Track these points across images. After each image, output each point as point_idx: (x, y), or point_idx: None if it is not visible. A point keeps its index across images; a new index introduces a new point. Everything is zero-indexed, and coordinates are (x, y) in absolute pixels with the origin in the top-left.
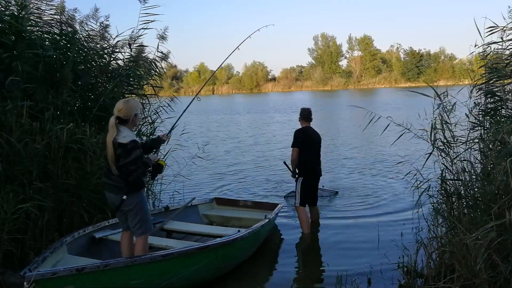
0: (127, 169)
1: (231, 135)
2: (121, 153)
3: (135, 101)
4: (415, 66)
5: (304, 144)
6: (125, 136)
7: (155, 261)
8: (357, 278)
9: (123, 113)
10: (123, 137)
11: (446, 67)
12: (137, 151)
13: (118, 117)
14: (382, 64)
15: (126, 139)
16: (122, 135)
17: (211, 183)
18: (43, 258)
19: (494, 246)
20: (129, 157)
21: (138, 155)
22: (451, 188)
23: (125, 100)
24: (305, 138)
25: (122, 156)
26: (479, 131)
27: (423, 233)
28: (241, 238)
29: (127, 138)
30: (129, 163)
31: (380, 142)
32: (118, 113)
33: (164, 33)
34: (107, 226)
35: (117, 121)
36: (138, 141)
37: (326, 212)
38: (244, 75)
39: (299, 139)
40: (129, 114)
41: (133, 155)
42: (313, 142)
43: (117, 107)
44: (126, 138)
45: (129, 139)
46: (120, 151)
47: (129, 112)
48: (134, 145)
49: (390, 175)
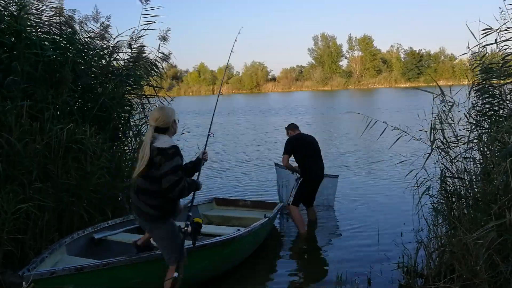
0: (167, 180)
1: (230, 135)
2: (160, 160)
3: (170, 107)
4: (415, 66)
5: (298, 150)
6: (165, 141)
7: (154, 260)
8: (357, 278)
9: (162, 122)
10: (163, 142)
11: (446, 67)
12: (178, 158)
13: (157, 128)
14: (382, 64)
15: (166, 144)
16: (162, 141)
17: (211, 183)
18: (42, 259)
19: (495, 246)
20: (170, 163)
21: (180, 164)
22: (451, 188)
23: (160, 107)
24: (298, 144)
25: (160, 164)
26: (478, 131)
27: (423, 233)
28: (240, 237)
29: (168, 143)
30: (170, 171)
31: (380, 143)
32: (155, 123)
33: (166, 34)
34: (106, 227)
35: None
36: (179, 148)
37: (325, 212)
38: (244, 75)
39: (288, 147)
40: (167, 121)
41: (174, 162)
42: (308, 145)
43: (153, 117)
44: (166, 143)
45: (170, 144)
46: (159, 158)
47: (167, 119)
48: (175, 150)
49: (390, 175)
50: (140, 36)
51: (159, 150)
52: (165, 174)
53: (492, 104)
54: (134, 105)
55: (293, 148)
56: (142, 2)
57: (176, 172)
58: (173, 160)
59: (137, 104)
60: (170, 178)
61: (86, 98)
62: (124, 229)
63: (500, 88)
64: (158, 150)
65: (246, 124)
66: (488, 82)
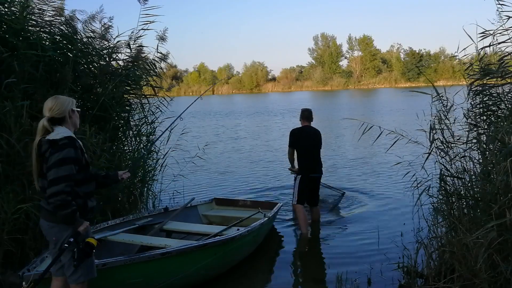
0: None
1: (230, 136)
2: (49, 153)
3: (67, 97)
4: (415, 66)
5: (297, 143)
6: (59, 133)
7: (153, 259)
8: (357, 278)
9: (56, 111)
10: (55, 134)
11: (446, 67)
12: (70, 150)
13: (52, 118)
14: (382, 64)
15: (59, 135)
16: (55, 132)
17: (211, 183)
18: (42, 259)
19: (495, 246)
20: (58, 155)
21: (72, 157)
22: (451, 188)
23: (54, 96)
24: (299, 137)
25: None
26: (476, 131)
27: (423, 233)
28: (240, 236)
29: (61, 134)
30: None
31: (379, 144)
32: (49, 113)
33: (163, 34)
34: (106, 227)
35: (49, 123)
36: (76, 140)
37: (326, 212)
38: (244, 75)
39: (291, 139)
40: (63, 110)
41: (62, 154)
42: (308, 140)
43: (47, 107)
44: (59, 134)
45: (63, 135)
46: (49, 151)
47: (62, 107)
48: (68, 141)
49: (389, 176)
50: (139, 36)
51: (49, 143)
52: (49, 167)
53: (491, 104)
54: (133, 105)
55: (294, 140)
56: (140, 1)
57: (63, 165)
58: (62, 151)
59: (137, 104)
60: (54, 172)
61: (86, 98)
62: (124, 229)
63: (499, 88)
64: (48, 142)
65: (246, 124)
66: (486, 82)
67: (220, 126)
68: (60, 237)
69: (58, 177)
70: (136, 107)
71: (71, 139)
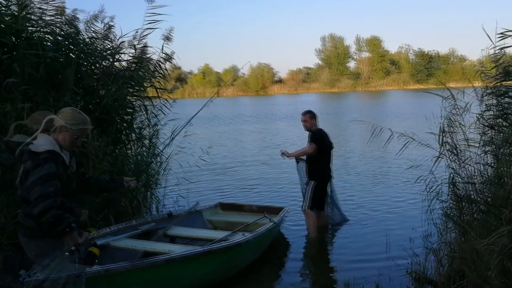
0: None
1: (236, 139)
2: (29, 167)
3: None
4: (425, 68)
5: (322, 147)
6: (42, 144)
7: (157, 265)
8: (365, 284)
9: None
10: (38, 145)
11: (456, 68)
12: (51, 165)
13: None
14: (390, 66)
15: (41, 148)
16: (39, 143)
17: (216, 187)
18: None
19: (506, 252)
20: (39, 171)
21: (53, 172)
22: (461, 193)
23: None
24: (324, 140)
25: (29, 171)
26: (490, 134)
27: (432, 238)
28: (246, 241)
29: (44, 147)
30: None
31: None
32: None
33: (169, 34)
34: (109, 233)
35: None
36: (59, 155)
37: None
38: (249, 77)
39: (318, 138)
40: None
41: (44, 170)
42: (328, 144)
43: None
44: (42, 146)
45: (45, 148)
46: (29, 163)
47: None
48: (50, 156)
49: (399, 180)
50: (143, 36)
51: (30, 154)
52: (32, 184)
53: (507, 106)
54: (136, 107)
55: (320, 142)
56: (147, 0)
57: (47, 181)
58: (43, 166)
59: (140, 106)
60: (37, 189)
61: (88, 100)
62: (127, 234)
63: None
64: (29, 153)
65: (252, 127)
66: (504, 84)
67: (226, 129)
68: (40, 252)
69: (43, 194)
70: (139, 109)
71: (54, 153)
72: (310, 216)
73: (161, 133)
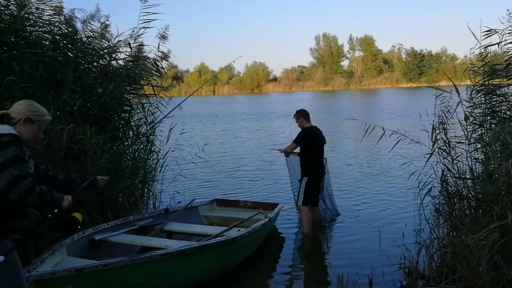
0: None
1: (231, 136)
2: None
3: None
4: (417, 67)
5: (308, 144)
6: (4, 129)
7: (154, 260)
8: (358, 279)
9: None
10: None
11: (447, 67)
12: (15, 148)
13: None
14: (383, 64)
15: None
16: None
17: (212, 184)
18: (42, 260)
19: (497, 247)
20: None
21: (19, 155)
22: (453, 189)
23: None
24: (310, 138)
25: None
26: (480, 131)
27: (424, 234)
28: (241, 237)
29: (5, 130)
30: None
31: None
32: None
33: (164, 32)
34: (106, 228)
35: None
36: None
37: (327, 213)
38: (245, 75)
39: (301, 140)
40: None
41: (10, 153)
42: (318, 141)
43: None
44: (5, 130)
45: (7, 131)
46: None
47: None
48: (13, 138)
49: (391, 176)
50: (139, 35)
51: None
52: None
53: (495, 104)
54: (134, 105)
55: (304, 141)
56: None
57: (16, 164)
58: (8, 149)
59: (137, 104)
60: (8, 172)
61: (87, 98)
62: (125, 230)
63: (504, 89)
64: None
65: (248, 125)
66: (491, 82)
67: (221, 127)
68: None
69: (20, 175)
70: (136, 107)
71: (17, 137)
72: (304, 211)
73: (158, 131)
